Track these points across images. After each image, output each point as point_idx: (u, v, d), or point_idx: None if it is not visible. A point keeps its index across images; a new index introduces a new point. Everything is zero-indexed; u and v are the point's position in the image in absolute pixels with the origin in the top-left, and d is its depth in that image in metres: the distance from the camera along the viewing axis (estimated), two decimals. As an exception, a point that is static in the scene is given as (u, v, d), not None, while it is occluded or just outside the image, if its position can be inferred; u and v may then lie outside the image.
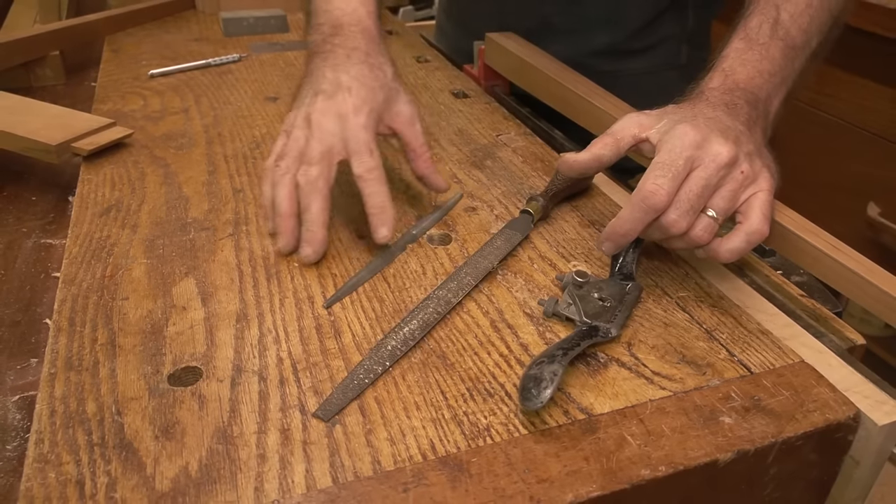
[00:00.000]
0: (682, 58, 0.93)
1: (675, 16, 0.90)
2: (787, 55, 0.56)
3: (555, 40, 0.89)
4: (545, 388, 0.39)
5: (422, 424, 0.39)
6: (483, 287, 0.51)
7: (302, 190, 0.53)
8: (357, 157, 0.53)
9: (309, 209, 0.53)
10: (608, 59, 0.91)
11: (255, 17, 1.10)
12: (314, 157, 0.53)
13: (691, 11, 0.91)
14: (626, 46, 0.91)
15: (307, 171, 0.53)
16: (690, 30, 0.92)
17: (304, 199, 0.53)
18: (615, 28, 0.89)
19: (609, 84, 0.75)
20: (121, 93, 0.85)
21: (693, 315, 0.49)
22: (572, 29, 0.90)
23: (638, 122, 0.51)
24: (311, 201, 0.53)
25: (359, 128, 0.54)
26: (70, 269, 0.52)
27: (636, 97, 0.69)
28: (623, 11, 0.88)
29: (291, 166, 0.54)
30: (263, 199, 0.56)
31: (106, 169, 0.67)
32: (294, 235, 0.54)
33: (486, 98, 0.86)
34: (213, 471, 0.36)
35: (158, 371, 0.42)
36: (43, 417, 0.39)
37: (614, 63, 0.91)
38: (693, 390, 0.42)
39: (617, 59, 0.91)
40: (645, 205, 0.46)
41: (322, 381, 0.42)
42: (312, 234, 0.52)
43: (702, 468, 0.38)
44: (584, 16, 0.89)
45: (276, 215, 0.54)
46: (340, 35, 0.61)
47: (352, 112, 0.54)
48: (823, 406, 0.41)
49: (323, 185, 0.53)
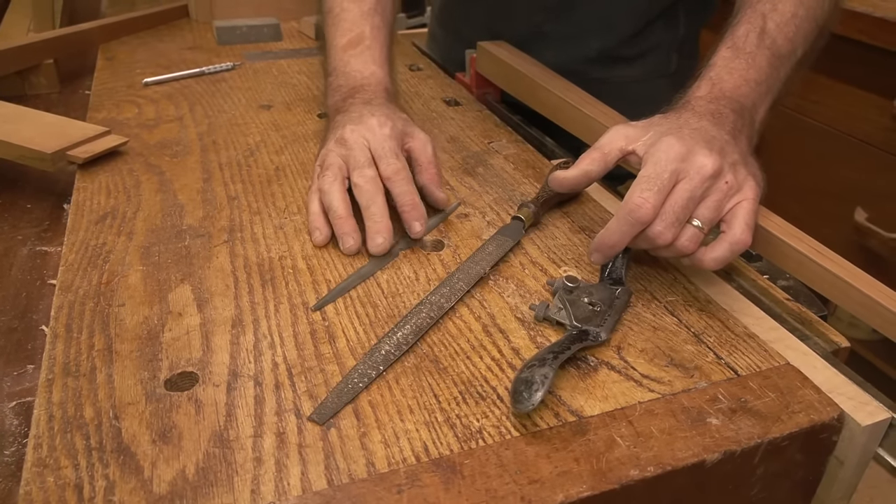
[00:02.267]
0: (671, 66, 0.94)
1: (666, 24, 0.91)
2: (774, 64, 0.57)
3: (547, 47, 0.90)
4: (536, 390, 0.39)
5: (415, 427, 0.40)
6: (475, 292, 0.52)
7: (363, 189, 0.57)
8: (384, 160, 0.59)
9: (374, 202, 0.57)
10: (599, 66, 0.92)
11: (248, 25, 1.10)
12: (363, 162, 0.59)
13: (683, 19, 0.92)
14: (618, 54, 0.92)
15: (363, 173, 0.58)
16: (681, 38, 0.93)
17: (366, 196, 0.57)
18: (606, 35, 0.90)
19: (600, 91, 0.76)
20: (115, 101, 0.86)
21: (681, 319, 0.50)
22: (564, 36, 0.91)
23: (625, 134, 0.52)
24: (374, 196, 0.57)
25: (384, 137, 0.60)
26: (67, 276, 0.52)
27: (626, 104, 0.70)
28: (614, 19, 0.89)
29: (337, 175, 0.59)
30: (311, 215, 0.59)
31: (101, 177, 0.67)
32: (357, 232, 0.57)
33: (477, 106, 0.87)
34: (209, 474, 0.37)
35: (155, 376, 0.43)
36: (41, 422, 0.40)
37: (605, 70, 0.92)
38: (681, 392, 0.43)
39: (608, 67, 0.92)
40: (631, 218, 0.47)
41: (317, 385, 0.43)
42: (382, 224, 0.56)
43: (690, 468, 0.38)
44: (576, 23, 0.90)
45: (336, 218, 0.57)
46: (360, 94, 0.67)
47: (377, 126, 0.61)
48: (808, 407, 0.42)
49: (379, 182, 0.58)
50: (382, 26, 0.73)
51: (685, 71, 0.64)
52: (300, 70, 0.99)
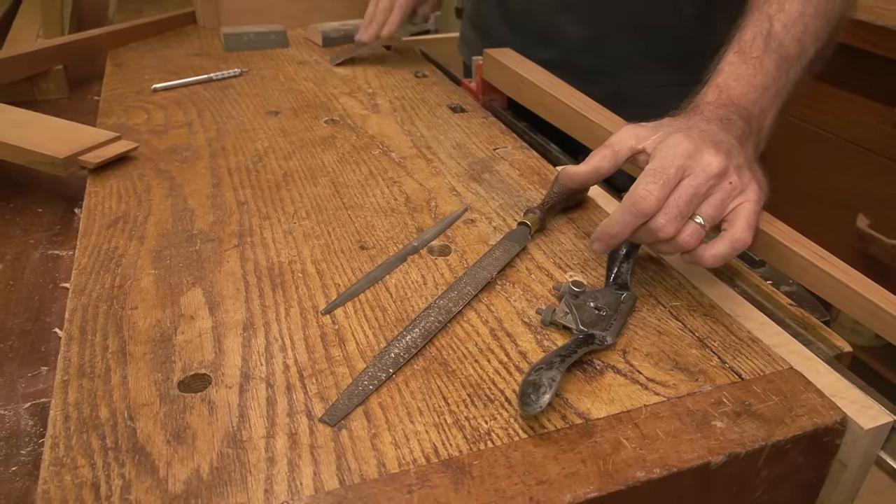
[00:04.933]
0: (707, 73, 0.93)
1: (700, 30, 0.88)
2: (782, 67, 0.58)
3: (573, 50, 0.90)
4: (544, 393, 0.40)
5: (425, 429, 0.41)
6: (482, 297, 0.53)
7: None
8: None
9: None
10: (628, 71, 0.90)
11: (255, 32, 1.11)
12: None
13: (719, 26, 0.91)
14: (647, 59, 0.90)
15: None
16: (717, 45, 0.92)
17: None
18: (634, 39, 0.89)
19: (629, 97, 0.73)
20: (124, 107, 0.87)
21: (686, 323, 0.51)
22: (590, 39, 0.90)
23: (635, 133, 0.53)
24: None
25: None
26: (80, 280, 0.53)
27: (655, 111, 0.70)
28: (642, 19, 0.87)
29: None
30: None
31: (112, 182, 0.68)
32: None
33: (483, 112, 0.88)
34: (223, 473, 0.37)
35: (168, 378, 0.44)
36: (57, 423, 0.40)
37: (635, 75, 0.91)
38: (686, 396, 0.44)
39: (637, 72, 0.91)
40: (635, 209, 0.48)
41: (328, 387, 0.44)
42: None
43: (694, 470, 0.39)
44: (602, 26, 0.89)
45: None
46: None
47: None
48: (811, 411, 0.43)
49: None
50: None
51: None
52: (307, 77, 0.99)
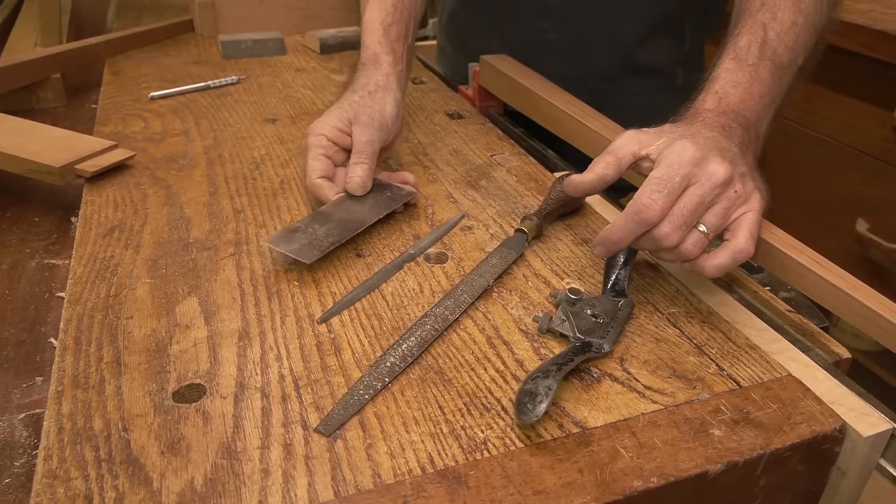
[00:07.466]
0: (678, 80, 0.95)
1: (671, 38, 0.92)
2: (776, 75, 0.58)
3: (553, 56, 0.91)
4: (540, 402, 0.40)
5: (421, 439, 0.40)
6: (479, 304, 0.52)
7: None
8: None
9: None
10: (606, 78, 0.92)
11: (253, 39, 1.12)
12: None
13: (688, 34, 0.92)
14: (624, 65, 0.92)
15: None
16: (686, 52, 0.94)
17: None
18: (611, 44, 0.91)
19: (606, 104, 0.76)
20: (122, 115, 0.87)
21: (683, 330, 0.50)
22: (570, 46, 0.91)
23: (637, 139, 0.52)
24: None
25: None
26: (75, 289, 0.53)
27: (634, 118, 0.71)
28: (618, 26, 0.89)
29: None
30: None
31: (108, 190, 0.68)
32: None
33: (480, 119, 0.88)
34: (218, 485, 0.37)
35: (163, 388, 0.44)
36: (51, 434, 0.40)
37: (612, 83, 0.93)
38: (684, 404, 0.43)
39: (615, 80, 0.93)
40: (638, 217, 0.47)
41: (323, 397, 0.43)
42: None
43: (692, 479, 0.39)
44: (580, 31, 0.90)
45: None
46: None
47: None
48: (810, 418, 0.43)
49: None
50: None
51: (692, 85, 0.65)
52: (304, 84, 0.99)
